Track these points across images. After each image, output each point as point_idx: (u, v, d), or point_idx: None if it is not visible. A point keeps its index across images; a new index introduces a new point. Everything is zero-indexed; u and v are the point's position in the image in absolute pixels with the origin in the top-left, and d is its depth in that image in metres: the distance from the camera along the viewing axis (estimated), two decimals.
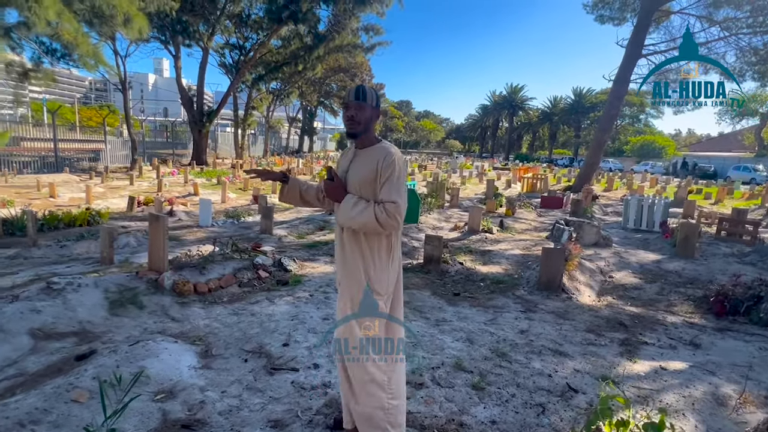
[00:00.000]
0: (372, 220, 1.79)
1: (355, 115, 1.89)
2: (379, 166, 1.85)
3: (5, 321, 3.08)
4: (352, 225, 1.86)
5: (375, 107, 1.94)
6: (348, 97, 1.93)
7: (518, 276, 5.44)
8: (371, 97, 1.91)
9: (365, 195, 1.89)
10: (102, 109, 37.85)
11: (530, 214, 11.03)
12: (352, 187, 1.92)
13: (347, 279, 1.96)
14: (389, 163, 1.84)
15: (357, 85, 1.97)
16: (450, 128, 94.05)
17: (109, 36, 16.41)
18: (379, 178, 1.86)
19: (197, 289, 4.05)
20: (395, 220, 1.81)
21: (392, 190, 1.83)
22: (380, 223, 1.79)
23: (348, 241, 1.93)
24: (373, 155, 1.90)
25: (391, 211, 1.79)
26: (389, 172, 1.84)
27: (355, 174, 1.93)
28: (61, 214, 7.01)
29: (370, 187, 1.88)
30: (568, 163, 48.88)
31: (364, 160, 1.92)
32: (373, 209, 1.81)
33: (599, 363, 3.18)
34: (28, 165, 17.50)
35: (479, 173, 24.51)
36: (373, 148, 1.93)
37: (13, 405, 2.18)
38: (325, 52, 27.46)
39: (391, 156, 1.86)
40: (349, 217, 1.84)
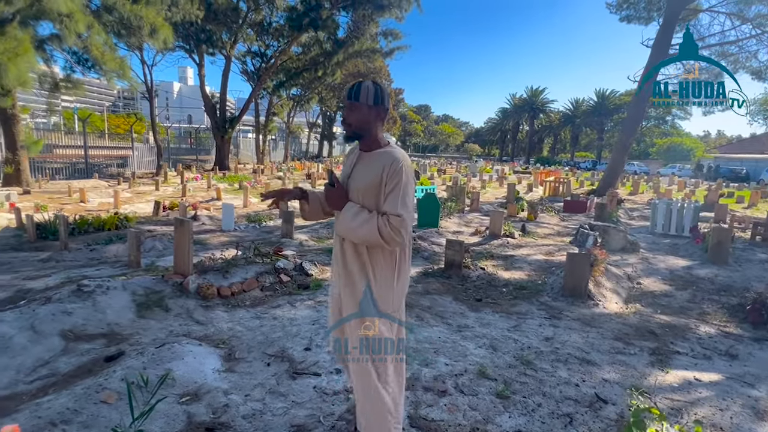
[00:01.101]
0: (374, 233, 1.63)
1: (348, 116, 1.75)
2: (384, 174, 1.68)
3: (38, 322, 3.18)
4: (351, 237, 1.73)
5: (374, 105, 1.72)
6: (343, 97, 1.79)
7: (542, 282, 5.33)
8: (366, 95, 1.70)
9: (367, 203, 1.73)
10: (129, 116, 39.10)
11: (553, 218, 10.83)
12: (354, 194, 1.77)
13: (347, 295, 1.82)
14: (396, 171, 1.67)
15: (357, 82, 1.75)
16: (469, 132, 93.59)
17: (136, 46, 16.97)
18: (383, 186, 1.69)
19: (221, 293, 4.11)
20: (399, 236, 1.64)
21: (397, 201, 1.65)
22: (383, 238, 1.63)
23: (349, 253, 1.78)
24: (378, 160, 1.73)
25: (395, 225, 1.63)
26: (395, 182, 1.66)
27: (357, 180, 1.77)
28: (90, 219, 7.25)
29: (373, 195, 1.72)
30: (591, 166, 47.96)
31: (368, 165, 1.75)
32: (376, 222, 1.64)
33: (629, 373, 3.08)
34: (60, 171, 18.16)
35: (499, 177, 24.24)
36: (379, 153, 1.76)
37: (45, 405, 2.23)
38: (345, 57, 27.72)
39: (398, 163, 1.68)
40: (350, 228, 1.70)
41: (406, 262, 1.84)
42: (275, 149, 42.58)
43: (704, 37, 15.80)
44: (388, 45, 31.44)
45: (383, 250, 1.74)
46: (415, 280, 5.26)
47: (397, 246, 1.71)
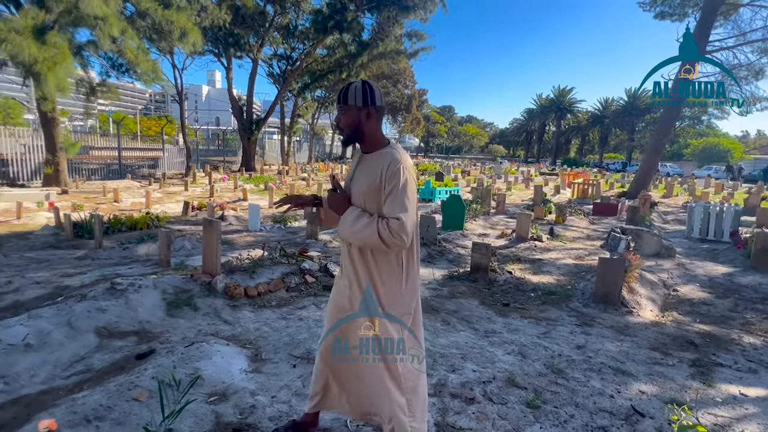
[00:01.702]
0: (375, 237, 1.60)
1: (339, 120, 1.74)
2: (383, 176, 1.64)
3: (74, 319, 3.28)
4: (353, 241, 1.71)
5: (364, 106, 1.69)
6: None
7: (572, 287, 5.17)
8: (354, 97, 1.68)
9: (369, 207, 1.71)
10: (160, 119, 40.33)
11: (582, 221, 10.52)
12: (356, 198, 1.75)
13: (355, 297, 1.81)
14: (394, 171, 1.63)
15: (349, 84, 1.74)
16: (494, 133, 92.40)
17: (167, 51, 17.50)
18: (382, 189, 1.65)
19: (247, 293, 4.15)
20: (400, 239, 1.59)
21: (396, 204, 1.61)
22: (384, 242, 1.60)
23: (356, 257, 1.77)
24: (377, 161, 1.70)
25: (395, 228, 1.58)
26: (394, 183, 1.62)
27: (358, 183, 1.76)
28: (123, 218, 7.48)
29: (373, 197, 1.69)
30: (620, 167, 46.55)
31: (368, 167, 1.73)
32: (376, 225, 1.61)
33: (667, 385, 2.93)
34: (95, 172, 18.88)
35: (525, 179, 23.79)
36: (378, 154, 1.73)
37: (80, 400, 2.29)
38: (369, 59, 27.81)
39: (396, 163, 1.64)
40: (351, 232, 1.67)
41: (414, 264, 1.80)
42: (300, 150, 43.12)
43: (746, 32, 15.08)
44: (413, 46, 31.40)
45: (388, 253, 1.71)
46: (440, 284, 5.20)
47: (399, 249, 1.67)
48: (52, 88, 9.77)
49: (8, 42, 9.03)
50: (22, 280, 4.60)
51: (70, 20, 9.98)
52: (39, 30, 9.48)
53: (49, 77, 9.36)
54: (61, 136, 14.28)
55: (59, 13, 9.67)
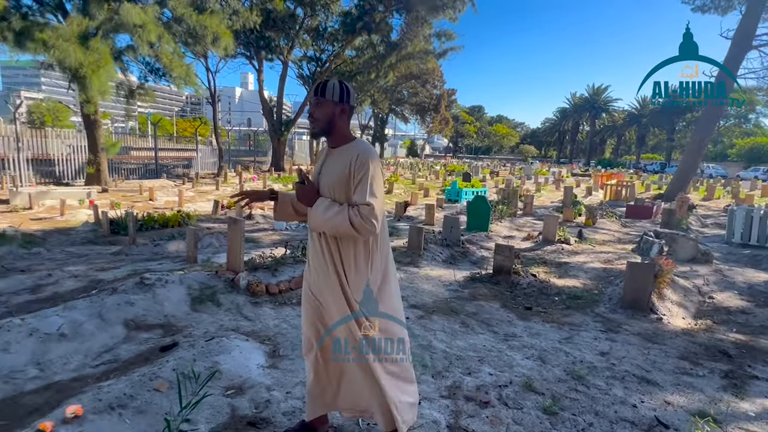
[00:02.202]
0: (346, 223, 1.68)
1: (314, 112, 1.80)
2: (351, 167, 1.73)
3: (105, 311, 3.44)
4: (325, 229, 1.77)
5: (339, 102, 1.78)
6: (309, 93, 1.85)
7: (598, 292, 5.01)
8: (332, 92, 1.77)
9: (338, 198, 1.78)
10: (195, 121, 41.71)
11: (613, 224, 10.16)
12: (325, 190, 1.82)
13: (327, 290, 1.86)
14: (362, 162, 1.72)
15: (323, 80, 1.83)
16: (525, 133, 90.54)
17: (201, 54, 18.08)
18: (351, 178, 1.74)
19: (269, 290, 4.23)
20: (371, 224, 1.68)
21: (366, 191, 1.70)
22: (355, 228, 1.68)
23: (325, 248, 1.83)
24: (345, 154, 1.78)
25: (365, 214, 1.67)
26: (363, 173, 1.71)
27: (327, 175, 1.82)
28: (156, 216, 7.79)
29: (342, 189, 1.77)
30: (658, 168, 44.70)
31: (336, 160, 1.81)
32: (347, 212, 1.70)
33: (696, 396, 2.79)
34: (133, 172, 19.73)
35: (556, 180, 23.19)
36: (346, 147, 1.81)
37: (106, 389, 2.40)
38: (397, 59, 27.82)
39: (364, 155, 1.74)
40: (322, 220, 1.74)
41: (381, 252, 1.87)
42: None
43: None
44: (441, 46, 31.26)
45: (355, 241, 1.78)
46: (461, 285, 5.14)
47: (370, 234, 1.74)
48: (95, 91, 10.32)
49: (56, 48, 9.59)
50: (61, 274, 4.87)
51: (111, 27, 10.51)
52: (83, 37, 10.03)
53: (92, 81, 9.89)
54: (102, 138, 15.02)
55: (102, 20, 10.19)
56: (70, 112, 29.67)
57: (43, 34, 9.49)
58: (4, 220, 8.49)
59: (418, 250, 6.03)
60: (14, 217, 8.86)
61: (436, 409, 2.52)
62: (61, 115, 34.06)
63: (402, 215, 10.04)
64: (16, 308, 3.83)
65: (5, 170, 13.38)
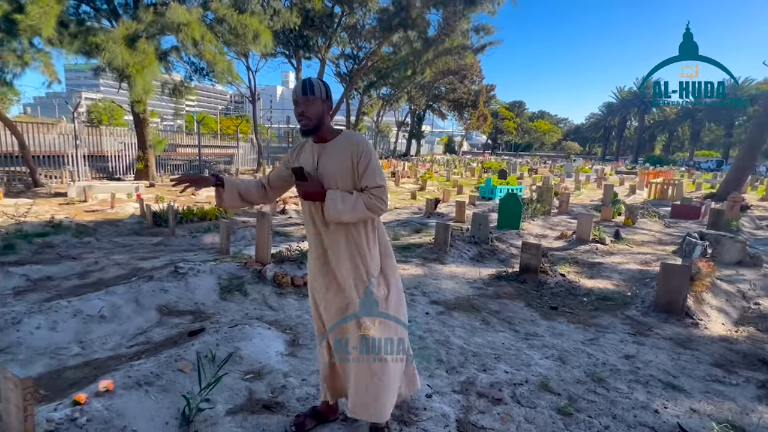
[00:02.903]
0: (363, 209, 1.80)
1: (305, 110, 1.84)
2: (354, 157, 1.84)
3: (142, 297, 3.68)
4: (344, 219, 1.82)
5: (326, 99, 1.88)
6: (295, 93, 1.86)
7: (631, 294, 4.81)
8: (320, 90, 1.84)
9: (342, 188, 1.86)
10: (237, 119, 43.22)
11: (655, 224, 9.67)
12: (328, 182, 1.86)
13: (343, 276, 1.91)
14: (364, 151, 1.84)
15: (303, 78, 1.88)
16: (568, 129, 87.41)
17: (242, 53, 18.69)
18: (355, 167, 1.84)
19: (294, 282, 4.37)
20: (383, 203, 1.83)
21: (375, 175, 1.84)
22: (371, 210, 1.81)
23: (338, 236, 1.89)
24: (342, 147, 1.87)
25: (378, 195, 1.81)
26: (367, 160, 1.83)
27: (327, 168, 1.87)
28: (195, 209, 8.18)
29: (347, 179, 1.86)
30: (714, 166, 41.92)
31: (334, 153, 1.87)
32: (362, 198, 1.81)
33: (726, 406, 2.65)
34: (178, 168, 20.72)
35: (598, 178, 22.27)
36: (340, 140, 1.89)
37: (136, 367, 2.58)
38: (434, 55, 27.57)
39: (362, 144, 1.86)
40: (341, 210, 1.80)
41: (382, 229, 2.02)
42: None
43: None
44: (480, 41, 30.70)
45: (364, 223, 1.90)
46: (486, 283, 5.09)
47: (382, 213, 1.88)
48: (140, 89, 10.95)
49: (107, 50, 10.25)
50: (107, 262, 5.24)
51: (157, 29, 11.10)
52: (131, 38, 10.66)
53: (137, 80, 10.51)
54: (150, 135, 15.88)
55: (148, 22, 10.79)
56: (124, 111, 31.51)
57: (96, 38, 10.18)
58: (61, 211, 9.19)
59: (445, 246, 6.00)
60: (70, 208, 9.57)
61: (446, 403, 2.54)
62: (116, 114, 36.26)
63: (432, 212, 10.00)
64: (65, 292, 4.17)
65: (65, 165, 14.44)
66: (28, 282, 4.46)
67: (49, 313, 3.23)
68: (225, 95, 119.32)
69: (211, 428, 2.16)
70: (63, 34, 10.22)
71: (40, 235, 6.65)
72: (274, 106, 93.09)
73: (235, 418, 2.26)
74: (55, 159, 14.45)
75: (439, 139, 78.26)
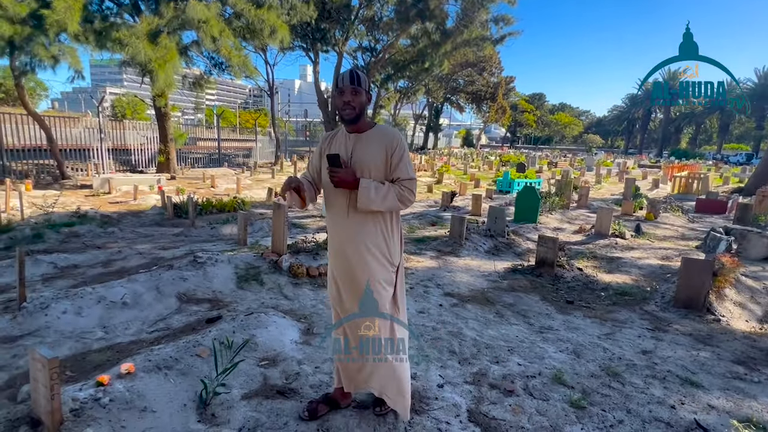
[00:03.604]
0: (395, 200, 1.88)
1: (352, 100, 1.88)
2: (388, 150, 1.91)
3: (162, 284, 3.79)
4: (373, 208, 1.87)
5: (368, 92, 1.95)
6: (342, 81, 1.87)
7: (651, 289, 4.71)
8: (365, 82, 1.91)
9: (375, 177, 1.92)
10: (256, 113, 43.67)
11: (678, 218, 9.41)
12: (361, 172, 1.91)
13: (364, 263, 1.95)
14: (399, 144, 1.92)
15: (347, 69, 1.93)
16: (589, 122, 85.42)
17: (260, 48, 18.82)
18: (389, 159, 1.92)
19: (309, 273, 4.43)
20: (413, 195, 1.93)
21: (407, 168, 1.93)
22: (402, 202, 1.90)
23: (364, 225, 1.94)
24: (377, 139, 1.93)
25: (410, 187, 1.91)
26: (401, 153, 1.92)
27: (362, 158, 1.92)
28: (214, 201, 8.35)
29: (380, 169, 1.92)
30: (743, 160, 40.39)
31: (369, 144, 1.93)
32: (395, 190, 1.89)
33: (745, 403, 2.59)
34: (198, 161, 21.11)
35: (620, 171, 21.76)
36: (375, 132, 1.95)
37: (156, 351, 2.67)
38: (453, 47, 27.24)
39: (397, 138, 1.94)
40: (372, 200, 1.85)
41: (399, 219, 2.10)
42: None
43: None
44: (499, 31, 30.13)
45: (390, 214, 1.98)
46: (501, 276, 5.06)
47: (410, 205, 1.96)
48: (162, 83, 11.18)
49: (130, 46, 10.48)
50: (129, 251, 5.39)
51: (178, 24, 11.28)
52: (153, 34, 10.87)
53: (159, 75, 10.73)
54: (171, 129, 16.19)
55: (169, 18, 10.97)
56: (146, 105, 32.19)
57: (119, 33, 10.42)
58: (87, 202, 9.48)
59: (460, 239, 5.98)
60: (95, 200, 9.88)
61: (458, 394, 2.55)
62: (139, 108, 37.07)
63: (448, 205, 9.96)
64: (90, 279, 4.32)
65: (90, 158, 14.88)
66: (56, 269, 4.63)
67: (74, 299, 3.36)
68: (244, 89, 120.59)
69: (227, 411, 2.23)
70: (87, 30, 10.48)
71: (66, 225, 6.89)
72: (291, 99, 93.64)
73: (250, 403, 2.32)
74: (81, 152, 14.90)
75: (456, 132, 77.54)
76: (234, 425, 2.13)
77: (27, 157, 13.24)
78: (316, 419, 2.19)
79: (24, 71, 10.88)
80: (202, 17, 11.07)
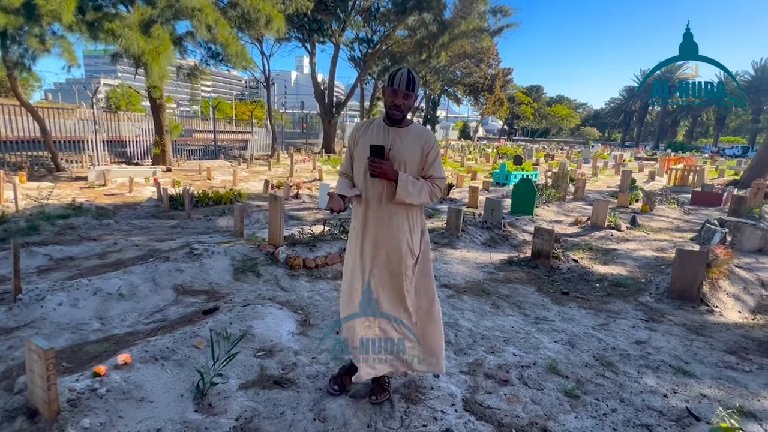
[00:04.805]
0: (427, 196, 2.04)
1: (403, 104, 1.97)
2: (425, 148, 2.05)
3: (158, 276, 3.78)
4: (407, 201, 2.00)
5: (417, 93, 2.05)
6: (398, 84, 1.92)
7: (645, 280, 4.75)
8: (418, 86, 2.01)
9: (410, 172, 2.04)
10: (252, 104, 43.33)
11: (674, 211, 9.46)
12: (398, 166, 2.02)
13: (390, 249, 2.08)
14: (434, 143, 2.07)
15: (404, 69, 1.94)
16: (587, 114, 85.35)
17: (256, 38, 18.63)
18: (425, 157, 2.06)
19: (306, 264, 4.43)
20: (441, 193, 2.11)
21: (440, 167, 2.10)
22: (431, 197, 2.06)
23: (396, 215, 2.06)
24: (414, 136, 2.05)
25: (441, 186, 2.09)
26: (436, 153, 2.08)
27: (401, 152, 2.03)
28: (210, 193, 8.31)
29: (415, 165, 2.06)
30: (739, 153, 40.58)
31: (407, 140, 2.04)
32: (428, 186, 2.04)
33: (736, 391, 2.63)
34: (194, 153, 20.97)
35: (617, 164, 21.80)
36: (411, 129, 2.07)
37: (153, 342, 2.68)
38: (450, 39, 27.01)
39: (432, 137, 2.09)
40: (410, 193, 1.98)
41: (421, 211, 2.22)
42: None
43: None
44: (497, 23, 29.91)
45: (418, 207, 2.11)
46: (497, 267, 5.08)
47: (437, 201, 2.16)
48: (156, 75, 11.06)
49: (123, 37, 10.34)
50: (125, 243, 5.38)
51: (171, 13, 11.13)
52: (146, 24, 10.72)
53: (153, 66, 10.61)
54: (166, 120, 16.06)
55: (162, 7, 10.82)
56: (141, 97, 31.87)
57: (112, 24, 10.27)
58: (82, 194, 9.42)
59: (456, 231, 5.99)
60: (91, 192, 9.81)
61: (454, 383, 2.57)
62: (134, 99, 36.67)
63: (444, 197, 9.96)
64: (86, 271, 4.31)
65: (84, 150, 14.75)
66: (51, 261, 4.62)
67: (70, 290, 3.35)
68: (240, 81, 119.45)
69: (224, 401, 2.24)
70: (80, 21, 10.32)
71: (62, 217, 6.85)
72: (288, 91, 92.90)
73: (247, 393, 2.34)
74: (76, 144, 14.77)
75: (454, 125, 77.29)
76: (231, 415, 2.14)
77: (21, 149, 13.12)
78: (345, 392, 2.33)
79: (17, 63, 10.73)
80: (196, 5, 10.93)
